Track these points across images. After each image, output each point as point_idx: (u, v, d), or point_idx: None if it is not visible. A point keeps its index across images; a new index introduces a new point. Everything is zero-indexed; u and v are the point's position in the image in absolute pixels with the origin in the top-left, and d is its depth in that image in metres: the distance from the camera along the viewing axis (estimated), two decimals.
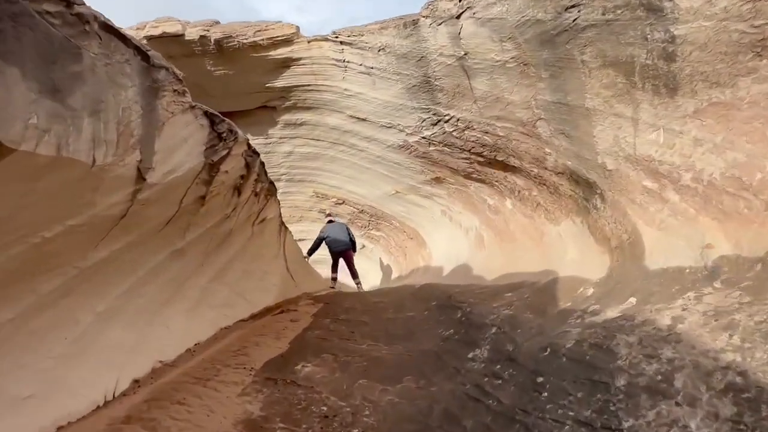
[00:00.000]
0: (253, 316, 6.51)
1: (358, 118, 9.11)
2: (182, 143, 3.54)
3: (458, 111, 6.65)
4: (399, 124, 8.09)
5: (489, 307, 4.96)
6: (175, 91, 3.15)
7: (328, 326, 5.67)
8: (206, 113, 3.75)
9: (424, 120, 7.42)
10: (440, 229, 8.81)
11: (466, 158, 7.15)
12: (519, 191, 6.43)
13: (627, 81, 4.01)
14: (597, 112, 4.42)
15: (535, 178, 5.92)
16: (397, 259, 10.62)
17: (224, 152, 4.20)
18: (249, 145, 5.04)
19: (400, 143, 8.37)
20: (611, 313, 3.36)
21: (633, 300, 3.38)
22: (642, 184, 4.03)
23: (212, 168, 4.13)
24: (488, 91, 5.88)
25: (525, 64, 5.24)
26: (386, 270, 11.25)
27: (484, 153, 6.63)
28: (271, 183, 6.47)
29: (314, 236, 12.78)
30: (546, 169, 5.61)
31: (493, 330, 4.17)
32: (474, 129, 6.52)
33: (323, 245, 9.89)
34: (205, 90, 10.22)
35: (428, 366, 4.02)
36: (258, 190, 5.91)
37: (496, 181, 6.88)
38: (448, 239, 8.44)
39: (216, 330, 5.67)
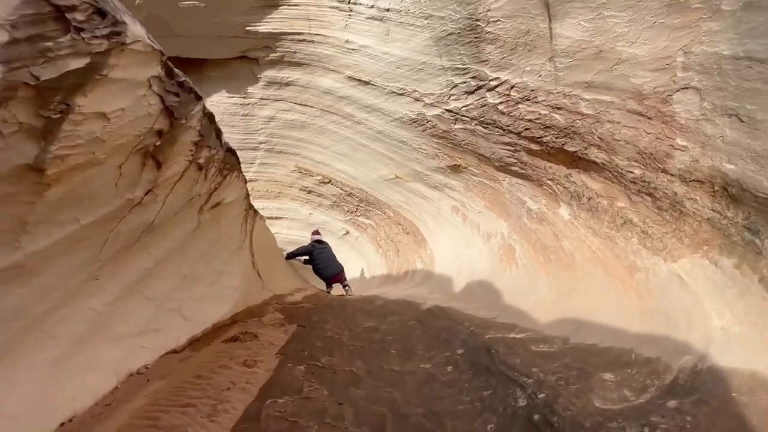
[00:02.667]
0: (193, 342, 3.81)
1: (359, 80, 6.31)
2: None
3: (515, 73, 4.00)
4: (416, 91, 5.37)
5: (578, 399, 2.49)
6: None
7: (299, 387, 3.05)
8: None
9: (456, 86, 4.72)
10: (448, 229, 6.25)
11: (509, 143, 4.54)
12: (589, 198, 3.92)
13: None
14: None
15: (633, 182, 3.40)
16: (387, 253, 8.03)
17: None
18: (175, 79, 2.28)
19: (413, 116, 5.67)
20: None
21: None
22: None
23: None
24: (585, 39, 3.26)
25: None
26: (371, 263, 8.67)
27: (545, 138, 4.03)
28: (230, 152, 3.70)
29: (293, 216, 10.03)
30: (665, 171, 3.09)
31: None
32: (538, 102, 3.90)
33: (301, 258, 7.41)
34: (169, 26, 7.11)
35: None
36: (204, 161, 3.14)
37: (550, 180, 4.33)
38: (460, 243, 5.91)
39: (115, 382, 2.95)
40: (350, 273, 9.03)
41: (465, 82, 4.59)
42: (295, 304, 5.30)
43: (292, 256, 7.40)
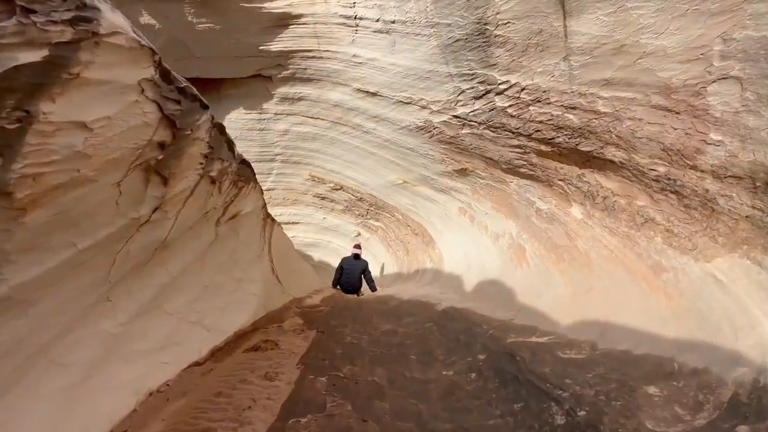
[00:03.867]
0: (215, 353, 3.32)
1: (367, 92, 5.81)
2: None
3: (526, 75, 3.49)
4: (422, 99, 4.87)
5: (627, 418, 1.99)
6: None
7: (322, 403, 2.56)
8: None
9: (464, 91, 4.22)
10: (455, 230, 5.75)
11: (518, 146, 4.03)
12: (605, 197, 3.41)
13: None
14: None
15: (655, 180, 2.89)
16: (397, 253, 7.54)
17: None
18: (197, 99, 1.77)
19: (420, 124, 5.17)
20: None
21: None
22: None
23: None
24: (604, 34, 2.75)
25: None
26: (382, 261, 8.18)
27: (558, 139, 3.53)
28: (244, 164, 3.21)
29: (309, 220, 9.55)
30: (694, 168, 2.58)
31: None
32: (550, 103, 3.39)
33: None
34: (188, 48, 6.64)
35: None
36: (216, 174, 2.66)
37: (561, 180, 3.82)
38: (468, 243, 5.40)
39: (134, 403, 2.46)
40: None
41: (473, 88, 4.08)
42: (314, 308, 4.82)
43: (336, 282, 6.74)
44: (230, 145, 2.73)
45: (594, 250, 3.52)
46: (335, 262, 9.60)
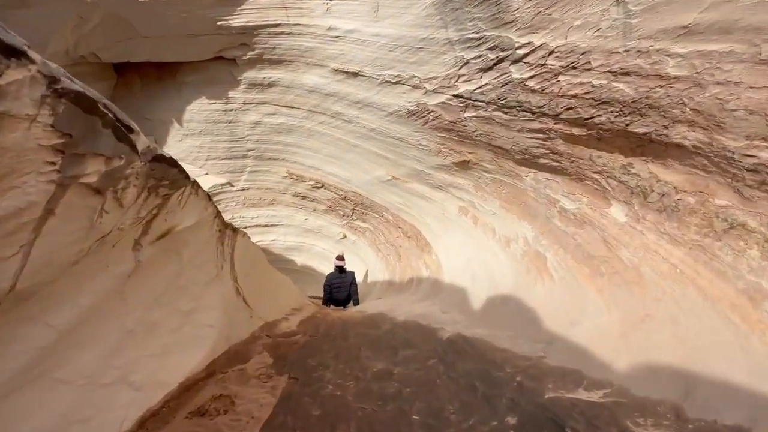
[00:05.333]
0: (146, 421, 2.28)
1: (346, 72, 4.78)
2: None
3: (556, 33, 2.54)
4: (414, 77, 3.88)
5: None
6: None
7: None
8: None
9: (467, 62, 3.25)
10: (455, 233, 4.81)
11: (539, 131, 3.09)
12: (662, 194, 2.50)
13: None
14: None
15: (751, 171, 1.99)
16: (387, 258, 6.57)
17: None
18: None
19: (411, 108, 4.18)
20: None
21: None
22: None
23: None
24: None
25: None
26: (372, 267, 7.22)
27: (598, 119, 2.59)
28: (167, 163, 2.15)
29: (289, 222, 8.49)
30: None
31: None
32: (592, 69, 2.44)
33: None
34: (132, 26, 5.45)
35: None
36: (99, 180, 1.58)
37: (596, 173, 2.90)
38: (471, 248, 4.48)
39: None
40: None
41: (480, 57, 3.10)
42: (289, 337, 3.82)
43: (327, 302, 5.94)
44: (123, 131, 1.69)
45: (646, 263, 2.62)
46: (320, 267, 8.61)
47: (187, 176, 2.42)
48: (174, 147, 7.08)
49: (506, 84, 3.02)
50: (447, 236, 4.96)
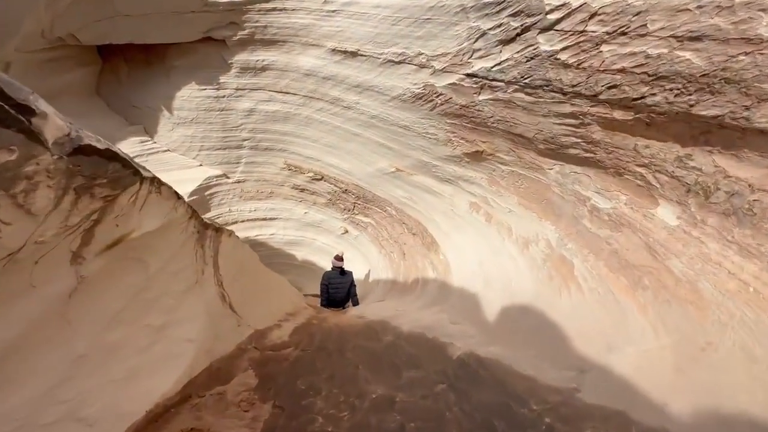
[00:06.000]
0: None
1: (345, 52, 4.23)
2: None
3: None
4: (420, 54, 3.33)
5: None
6: None
7: None
8: None
9: (485, 34, 2.69)
10: (466, 231, 4.30)
11: (572, 115, 2.54)
12: (731, 194, 1.97)
13: None
14: None
15: None
16: (391, 255, 6.10)
17: None
18: None
19: (417, 91, 3.64)
20: None
21: None
22: None
23: None
24: None
25: None
26: (374, 264, 6.75)
27: (652, 99, 2.04)
28: (101, 155, 1.66)
29: (288, 216, 8.03)
30: None
31: None
32: (647, 34, 1.90)
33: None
34: (111, 3, 4.93)
35: None
36: (16, 184, 0.99)
37: (642, 166, 2.36)
38: (484, 249, 3.97)
39: None
40: (355, 274, 7.13)
41: (500, 26, 2.55)
42: (279, 350, 3.38)
43: (325, 303, 5.59)
44: (11, 114, 1.20)
45: (706, 277, 2.11)
46: (320, 261, 8.17)
47: (137, 172, 1.92)
48: (165, 137, 6.61)
49: (532, 59, 2.46)
50: (456, 234, 4.46)
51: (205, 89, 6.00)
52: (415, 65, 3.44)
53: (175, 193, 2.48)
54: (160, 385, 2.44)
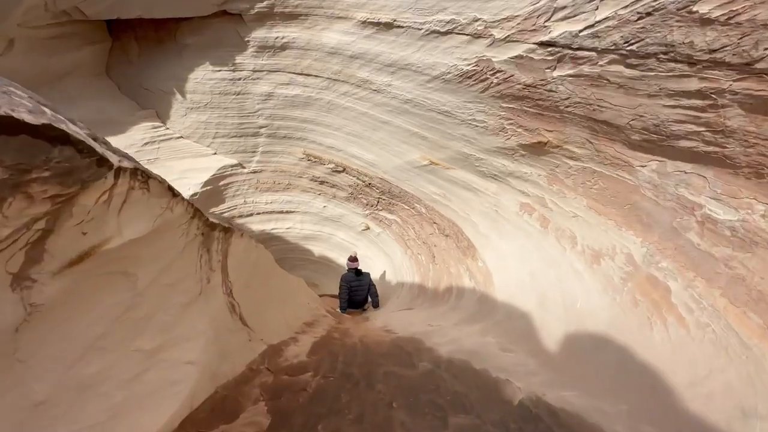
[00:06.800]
0: None
1: (378, 24, 3.57)
2: None
3: None
4: (477, 20, 2.65)
5: None
6: None
7: None
8: None
9: None
10: (514, 237, 3.63)
11: (699, 93, 1.84)
12: None
13: None
14: None
15: None
16: (418, 257, 5.47)
17: None
18: None
19: (466, 68, 2.96)
20: None
21: None
22: None
23: None
24: None
25: None
26: (398, 264, 6.15)
27: None
28: (65, 142, 1.06)
29: (306, 209, 7.47)
30: None
31: None
32: None
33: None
34: None
35: None
36: None
37: None
38: (536, 259, 3.31)
39: None
40: (372, 271, 6.57)
41: None
42: (296, 374, 2.83)
43: (345, 307, 5.36)
44: None
45: None
46: (338, 258, 7.66)
47: (103, 161, 1.33)
48: (178, 123, 6.10)
49: (649, 14, 1.76)
50: (500, 239, 3.79)
51: (219, 71, 5.44)
52: (467, 35, 2.75)
53: (170, 188, 1.90)
54: (151, 424, 1.89)
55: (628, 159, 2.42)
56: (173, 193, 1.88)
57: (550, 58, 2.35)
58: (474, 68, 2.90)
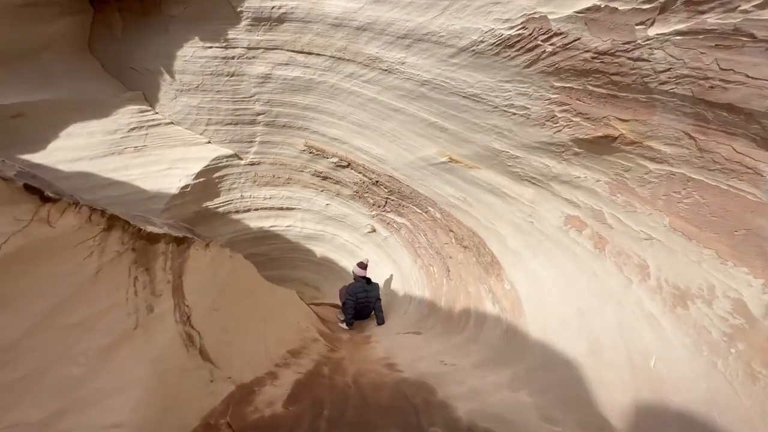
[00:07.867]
0: None
1: None
2: None
3: None
4: None
5: None
6: None
7: None
8: None
9: None
10: (554, 257, 2.82)
11: None
12: None
13: None
14: None
15: None
16: (429, 269, 4.68)
17: None
18: None
19: (507, 32, 2.14)
20: None
21: None
22: None
23: None
24: None
25: None
26: (406, 273, 5.37)
27: None
28: None
29: (308, 206, 6.70)
30: None
31: None
32: None
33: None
34: None
35: None
36: None
37: None
38: (586, 292, 2.50)
39: None
40: (378, 278, 5.83)
41: None
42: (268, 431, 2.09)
43: (348, 319, 4.76)
44: None
45: None
46: (341, 260, 6.94)
47: None
48: (167, 106, 5.41)
49: None
50: (534, 258, 2.98)
51: (210, 47, 4.69)
52: None
53: (39, 190, 1.12)
54: None
55: (754, 164, 1.58)
56: (44, 198, 1.11)
57: (647, 6, 1.52)
58: (520, 32, 2.07)
